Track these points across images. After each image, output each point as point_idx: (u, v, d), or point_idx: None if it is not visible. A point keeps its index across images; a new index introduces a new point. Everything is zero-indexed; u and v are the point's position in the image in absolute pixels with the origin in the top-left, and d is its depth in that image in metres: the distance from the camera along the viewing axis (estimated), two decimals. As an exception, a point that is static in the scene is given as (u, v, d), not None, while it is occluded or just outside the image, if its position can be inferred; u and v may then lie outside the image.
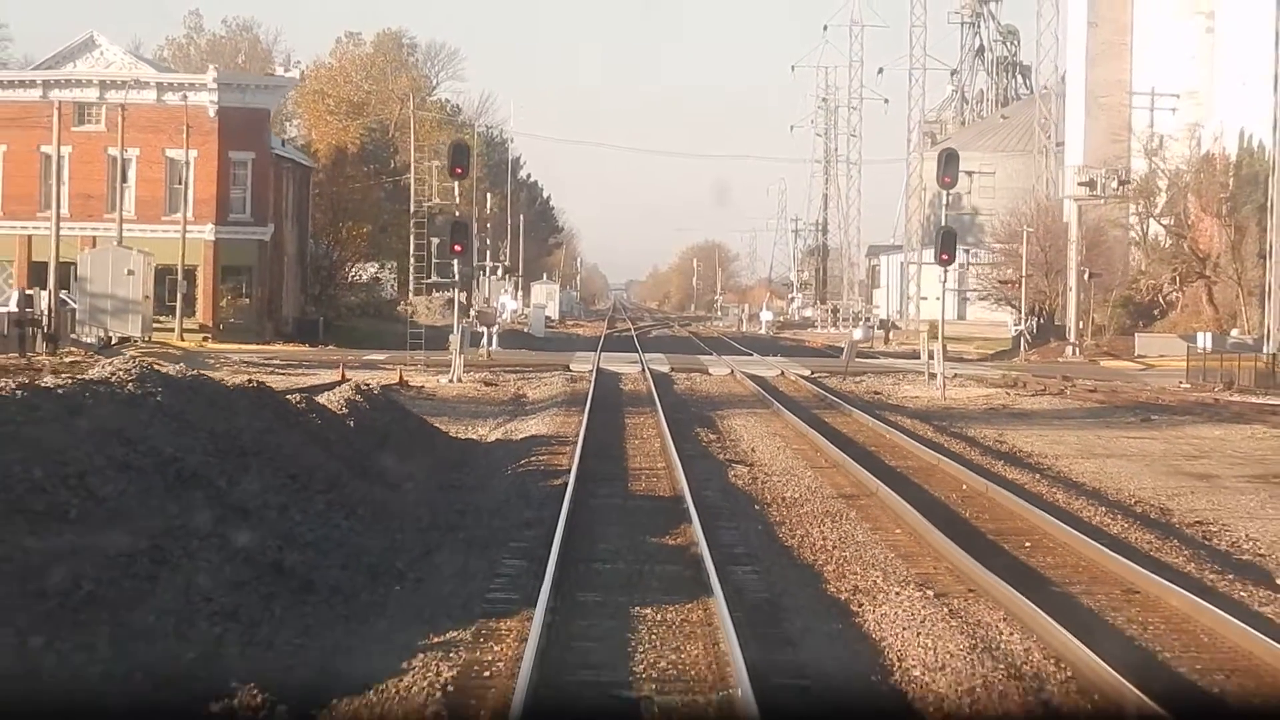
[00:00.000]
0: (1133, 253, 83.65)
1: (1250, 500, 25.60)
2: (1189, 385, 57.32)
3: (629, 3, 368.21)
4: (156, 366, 23.13)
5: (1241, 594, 16.60)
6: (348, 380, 35.49)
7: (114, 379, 19.15)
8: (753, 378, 54.12)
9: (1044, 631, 13.82)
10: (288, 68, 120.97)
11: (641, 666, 12.76)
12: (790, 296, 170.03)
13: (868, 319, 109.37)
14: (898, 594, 15.75)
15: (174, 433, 18.04)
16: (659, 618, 14.41)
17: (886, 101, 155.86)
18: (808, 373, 58.40)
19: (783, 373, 58.54)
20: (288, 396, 26.04)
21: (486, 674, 12.35)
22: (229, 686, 11.62)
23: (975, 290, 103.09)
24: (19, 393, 15.70)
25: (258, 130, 73.36)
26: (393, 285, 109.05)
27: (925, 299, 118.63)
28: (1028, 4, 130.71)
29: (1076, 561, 18.11)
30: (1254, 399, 50.71)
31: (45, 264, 67.98)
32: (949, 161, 50.75)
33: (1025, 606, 14.65)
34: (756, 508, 22.39)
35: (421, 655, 12.74)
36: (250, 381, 25.06)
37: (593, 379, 50.31)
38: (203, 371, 27.46)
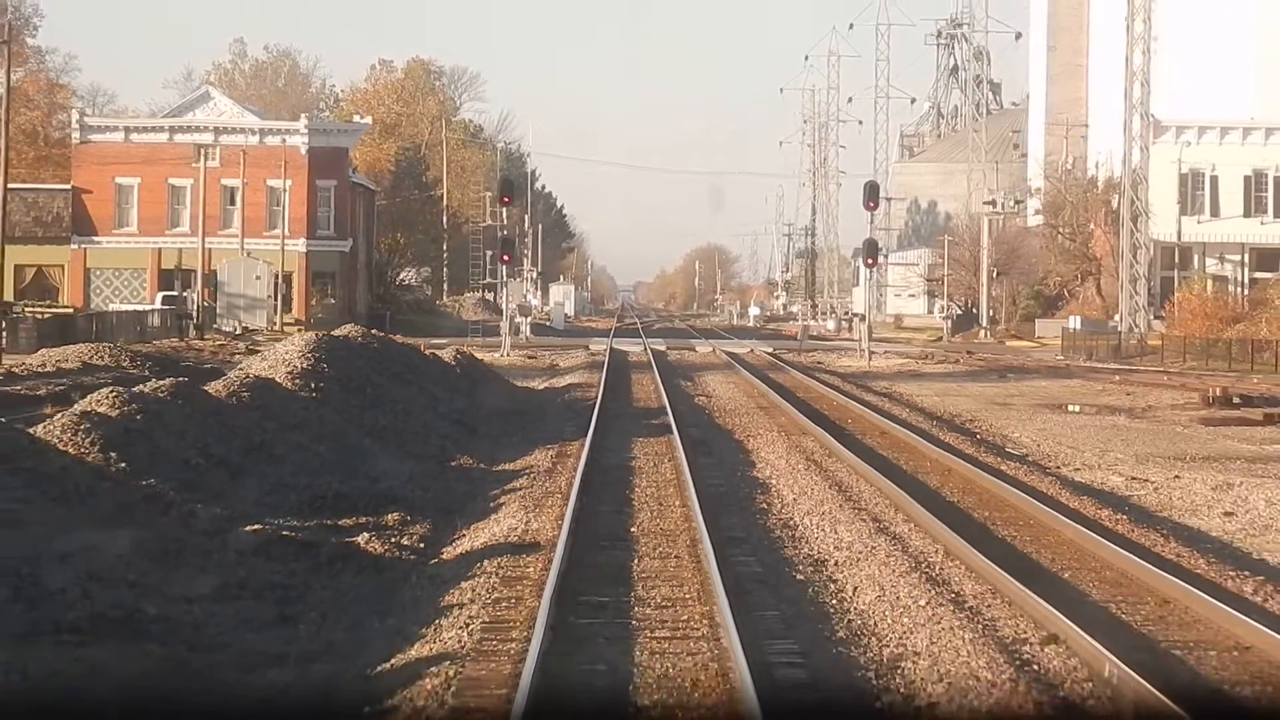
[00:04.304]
0: (1045, 254, 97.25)
1: (1020, 415, 39.30)
2: (1063, 357, 71.09)
3: (634, 31, 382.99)
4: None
5: (945, 437, 30.53)
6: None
7: (349, 335, 33.09)
8: (728, 353, 67.92)
9: (829, 444, 27.80)
10: (323, 90, 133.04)
11: (635, 451, 26.87)
12: (776, 294, 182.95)
13: (835, 312, 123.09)
14: (766, 435, 29.84)
15: (386, 362, 32.09)
16: (646, 439, 28.50)
17: (860, 124, 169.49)
18: (770, 350, 72.35)
19: (752, 350, 72.27)
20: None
21: (569, 454, 26.41)
22: (457, 457, 25.69)
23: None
24: (323, 338, 29.63)
25: (339, 164, 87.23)
26: (428, 286, 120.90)
27: (898, 295, 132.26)
28: (997, 27, 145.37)
29: (869, 427, 32.09)
30: (1099, 365, 64.63)
31: (171, 271, 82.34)
32: (871, 190, 64.82)
33: (826, 438, 28.62)
34: (707, 413, 36.38)
35: (539, 450, 26.80)
36: (404, 342, 39.00)
37: (607, 354, 63.99)
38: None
